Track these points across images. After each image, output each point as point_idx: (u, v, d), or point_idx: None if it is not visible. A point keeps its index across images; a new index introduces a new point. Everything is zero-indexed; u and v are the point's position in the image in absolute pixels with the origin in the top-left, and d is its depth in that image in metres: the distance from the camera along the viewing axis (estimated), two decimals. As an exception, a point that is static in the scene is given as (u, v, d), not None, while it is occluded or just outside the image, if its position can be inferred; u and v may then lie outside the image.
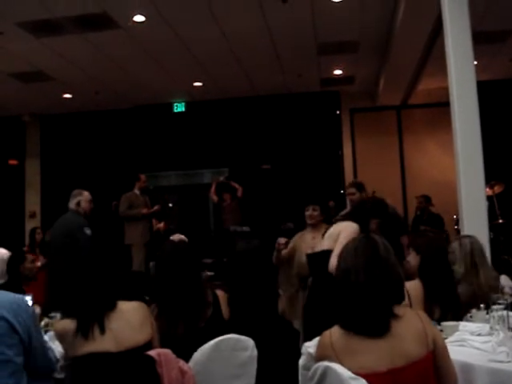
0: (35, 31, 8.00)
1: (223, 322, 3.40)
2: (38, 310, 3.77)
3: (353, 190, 5.99)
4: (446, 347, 2.36)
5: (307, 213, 5.58)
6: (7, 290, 2.83)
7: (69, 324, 2.84)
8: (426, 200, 10.37)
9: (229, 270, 4.26)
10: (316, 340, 2.98)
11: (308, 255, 5.07)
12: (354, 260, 2.36)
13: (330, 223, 5.60)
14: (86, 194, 6.26)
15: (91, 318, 2.83)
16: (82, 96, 11.40)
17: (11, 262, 3.78)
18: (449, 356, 2.35)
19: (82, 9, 7.41)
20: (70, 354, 2.86)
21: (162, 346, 3.13)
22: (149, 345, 2.95)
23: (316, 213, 5.56)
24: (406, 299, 3.52)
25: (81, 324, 2.81)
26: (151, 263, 7.64)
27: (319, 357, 2.34)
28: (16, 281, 3.85)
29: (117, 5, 7.39)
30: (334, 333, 2.30)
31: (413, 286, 3.60)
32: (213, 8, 7.57)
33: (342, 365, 2.21)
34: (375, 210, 4.39)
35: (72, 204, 6.14)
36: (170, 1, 7.34)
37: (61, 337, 2.88)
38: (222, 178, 10.58)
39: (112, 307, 2.91)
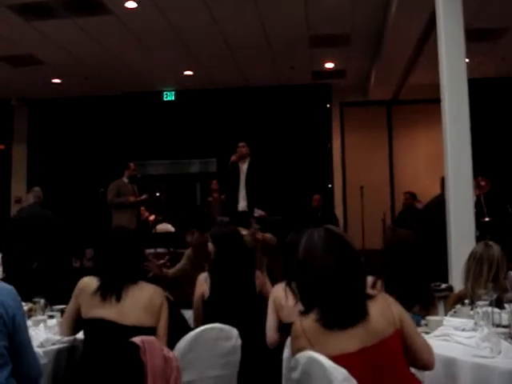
0: (25, 14, 7.88)
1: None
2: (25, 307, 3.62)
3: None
4: (413, 324, 2.37)
5: (187, 240, 5.22)
6: None
7: (93, 281, 3.07)
8: (412, 197, 10.44)
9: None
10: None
11: None
12: None
13: None
14: None
15: (113, 283, 3.06)
16: (71, 81, 11.29)
17: None
18: (418, 333, 2.38)
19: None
20: (81, 311, 3.06)
21: None
22: (152, 330, 3.04)
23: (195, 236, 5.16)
24: None
25: (103, 284, 3.05)
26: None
27: (295, 347, 2.32)
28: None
29: (109, -10, 7.34)
30: (305, 321, 2.28)
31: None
32: (206, -4, 7.54)
33: (315, 350, 2.20)
34: None
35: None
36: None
37: (80, 291, 3.09)
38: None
39: (132, 281, 3.11)
